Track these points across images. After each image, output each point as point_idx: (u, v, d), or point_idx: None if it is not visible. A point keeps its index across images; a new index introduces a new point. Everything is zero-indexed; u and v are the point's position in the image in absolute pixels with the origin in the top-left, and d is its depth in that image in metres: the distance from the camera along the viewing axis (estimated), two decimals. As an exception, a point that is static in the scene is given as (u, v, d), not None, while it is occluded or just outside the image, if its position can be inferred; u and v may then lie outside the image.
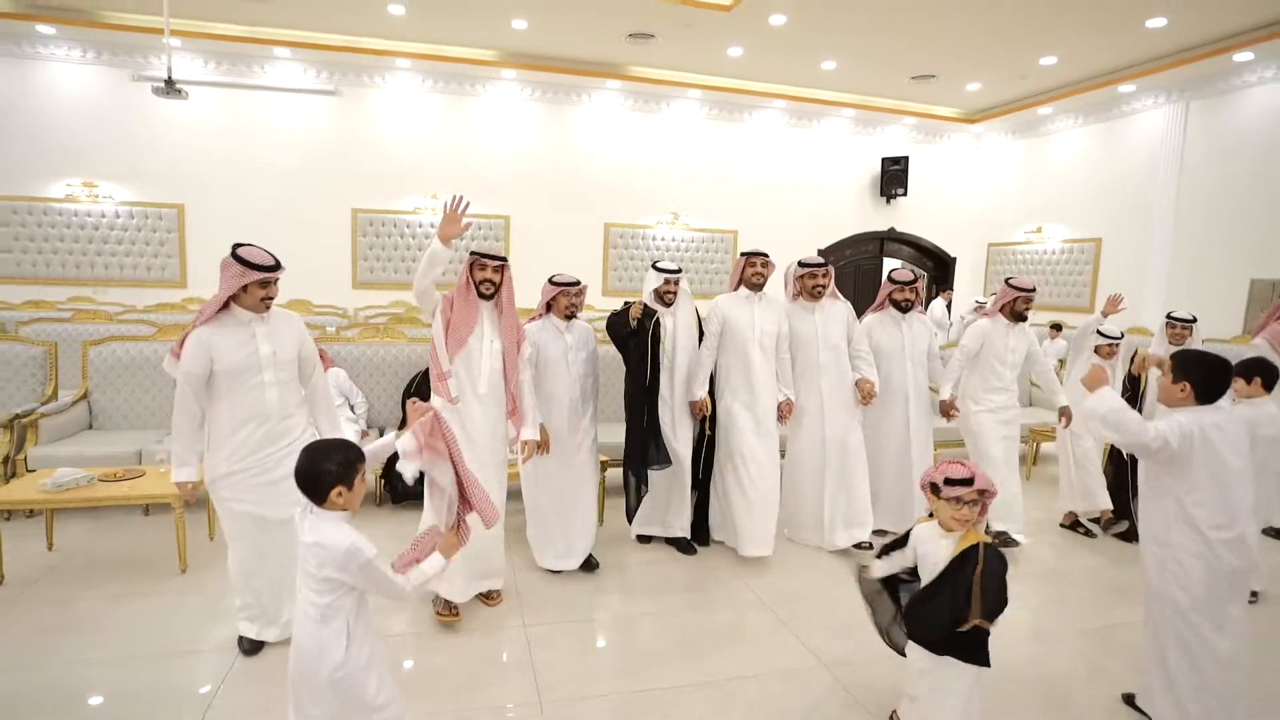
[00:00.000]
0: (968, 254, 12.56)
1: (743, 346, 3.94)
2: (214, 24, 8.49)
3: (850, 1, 7.42)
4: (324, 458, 1.83)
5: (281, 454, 2.75)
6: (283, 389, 2.76)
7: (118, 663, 2.77)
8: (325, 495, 1.81)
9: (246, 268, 2.62)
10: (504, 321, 3.23)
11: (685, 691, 2.71)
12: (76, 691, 2.57)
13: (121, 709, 2.49)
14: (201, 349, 2.61)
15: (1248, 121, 8.70)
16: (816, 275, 4.10)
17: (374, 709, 1.84)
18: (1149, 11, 7.42)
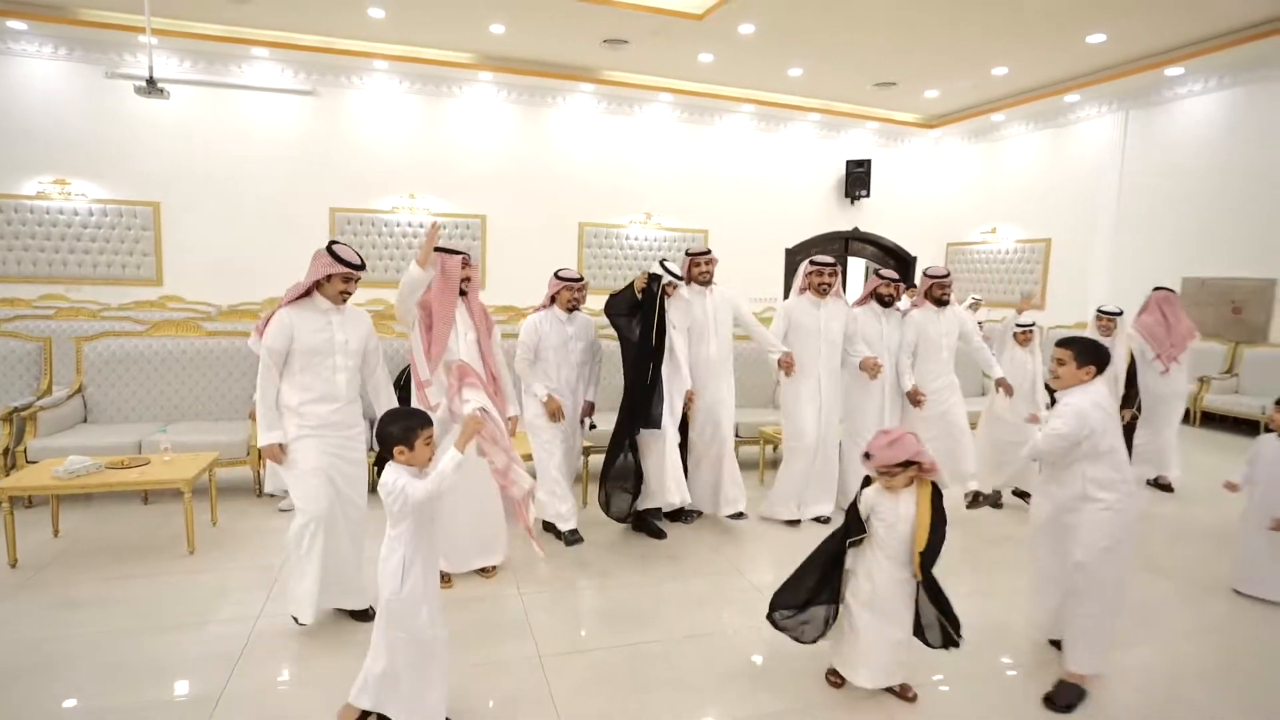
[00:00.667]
0: (927, 253, 13.07)
1: (702, 339, 4.26)
2: (192, 23, 8.56)
3: (815, 13, 7.80)
4: (390, 421, 2.24)
5: (339, 441, 3.02)
6: (350, 375, 3.05)
7: (140, 633, 2.98)
8: (390, 451, 2.22)
9: (336, 261, 2.93)
10: (474, 312, 3.49)
11: (669, 644, 3.02)
12: (104, 659, 2.78)
13: (149, 673, 2.70)
14: (284, 327, 2.91)
15: (1180, 131, 9.32)
16: (824, 273, 4.41)
17: (422, 634, 2.21)
18: (1090, 28, 7.94)
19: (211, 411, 5.09)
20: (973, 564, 4.05)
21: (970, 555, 4.17)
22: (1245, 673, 2.98)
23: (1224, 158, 8.80)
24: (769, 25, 8.20)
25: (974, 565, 4.03)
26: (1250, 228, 8.52)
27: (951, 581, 2.60)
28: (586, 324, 4.11)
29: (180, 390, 5.05)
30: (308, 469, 2.96)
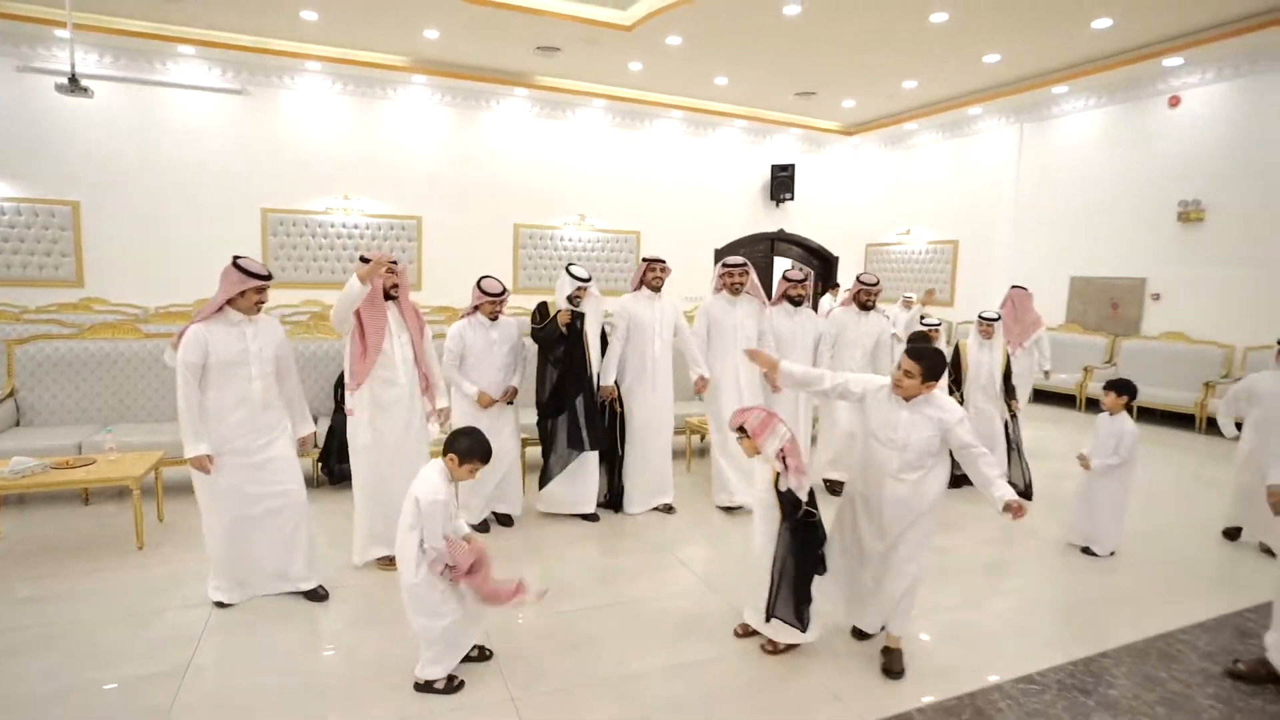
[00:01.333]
0: (849, 253, 13.81)
1: (647, 340, 4.63)
2: (113, 18, 8.39)
3: (737, 28, 8.27)
4: (465, 436, 2.64)
5: (262, 441, 3.25)
6: (265, 382, 3.24)
7: (101, 621, 3.15)
8: (446, 452, 2.62)
9: (247, 275, 3.09)
10: (405, 314, 3.72)
11: (599, 610, 3.38)
12: (69, 645, 2.95)
13: (115, 655, 2.89)
14: (198, 342, 3.06)
15: (1066, 143, 10.24)
16: (734, 274, 4.81)
17: (436, 614, 2.60)
18: (986, 49, 8.68)
19: (151, 413, 5.17)
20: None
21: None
22: (1072, 609, 3.56)
23: (1103, 168, 9.73)
24: (695, 37, 8.63)
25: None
26: (1125, 232, 9.45)
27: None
28: (509, 328, 4.35)
29: (118, 392, 5.11)
30: (223, 487, 3.19)
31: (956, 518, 4.80)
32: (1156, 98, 9.11)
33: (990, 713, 2.69)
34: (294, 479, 3.36)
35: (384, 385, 3.62)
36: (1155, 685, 2.92)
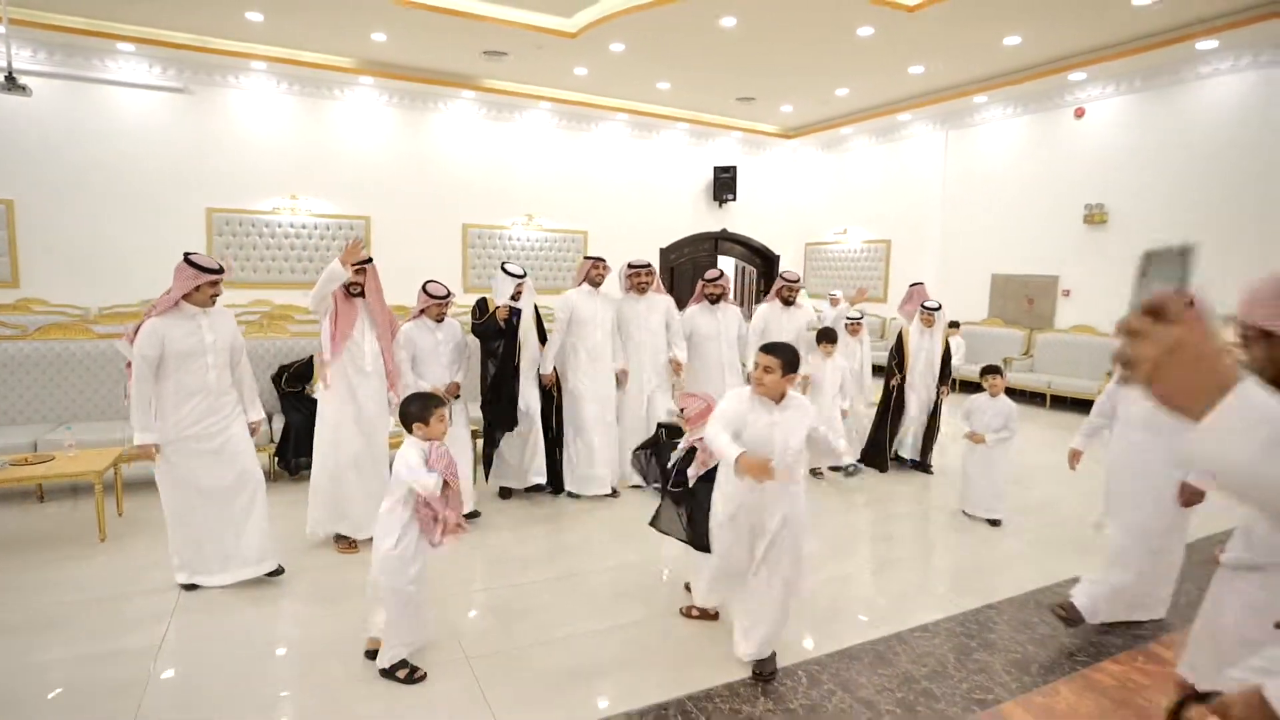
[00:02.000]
0: (789, 251, 14.39)
1: (590, 332, 4.98)
2: (47, 13, 8.27)
3: (677, 37, 8.64)
4: (410, 404, 2.81)
5: (219, 425, 3.45)
6: (220, 371, 3.45)
7: (75, 604, 3.33)
8: (409, 427, 2.78)
9: (199, 271, 3.30)
10: (375, 312, 4.04)
11: (546, 583, 3.70)
12: (47, 626, 3.13)
13: (92, 633, 3.09)
14: (155, 336, 3.26)
15: (987, 149, 10.94)
16: (640, 274, 5.20)
17: (409, 584, 2.76)
18: (911, 60, 9.25)
19: (105, 412, 5.26)
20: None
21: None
22: (967, 569, 4.04)
23: (1019, 173, 10.45)
24: (637, 45, 8.98)
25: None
26: (1039, 232, 10.18)
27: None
28: (454, 328, 4.63)
29: (70, 392, 5.19)
30: (180, 474, 3.41)
31: (880, 495, 5.27)
32: (1064, 109, 9.85)
33: (889, 656, 3.11)
34: (251, 460, 3.60)
35: (355, 373, 3.92)
36: (1028, 629, 3.40)
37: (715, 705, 2.69)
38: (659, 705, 2.66)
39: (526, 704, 2.67)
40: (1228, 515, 3.53)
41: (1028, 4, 7.32)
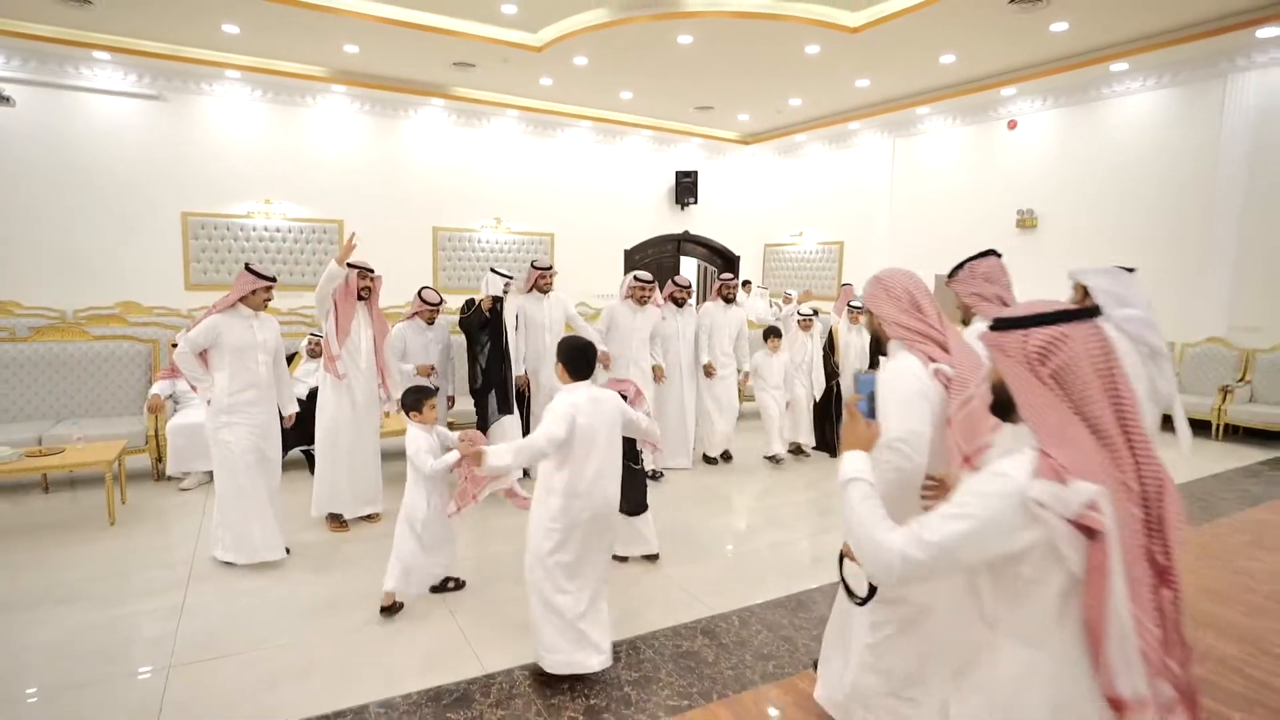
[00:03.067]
0: (749, 252, 15.01)
1: (538, 334, 5.49)
2: (23, 22, 8.48)
3: (637, 51, 9.17)
4: (408, 394, 3.49)
5: (265, 416, 3.99)
6: (267, 366, 3.99)
7: (94, 577, 3.74)
8: (409, 414, 3.44)
9: (257, 278, 3.88)
10: (374, 315, 4.54)
11: (515, 554, 4.20)
12: (72, 597, 3.53)
13: (116, 598, 3.51)
14: (213, 329, 3.81)
15: (929, 157, 11.68)
16: (645, 288, 5.67)
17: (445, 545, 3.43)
18: (857, 75, 9.90)
19: (101, 409, 5.62)
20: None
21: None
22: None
23: (958, 180, 11.20)
24: (599, 58, 9.48)
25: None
26: (976, 235, 10.90)
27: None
28: (443, 329, 5.17)
29: (69, 390, 5.54)
30: (237, 452, 3.87)
31: (826, 474, 5.87)
32: (998, 121, 10.60)
33: (809, 603, 3.67)
34: (278, 451, 4.13)
35: (351, 368, 4.38)
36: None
37: (661, 642, 3.23)
38: (623, 641, 3.18)
39: (501, 643, 3.17)
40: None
41: (957, 27, 7.99)
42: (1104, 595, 1.24)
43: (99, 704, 2.69)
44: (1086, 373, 1.32)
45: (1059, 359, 1.32)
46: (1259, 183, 8.00)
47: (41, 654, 3.03)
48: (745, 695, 2.85)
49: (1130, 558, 1.26)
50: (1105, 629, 1.24)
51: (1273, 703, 2.87)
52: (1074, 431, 1.31)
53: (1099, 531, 1.23)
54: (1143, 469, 1.31)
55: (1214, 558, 4.40)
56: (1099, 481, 1.25)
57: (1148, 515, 1.30)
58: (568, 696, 2.80)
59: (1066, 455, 1.28)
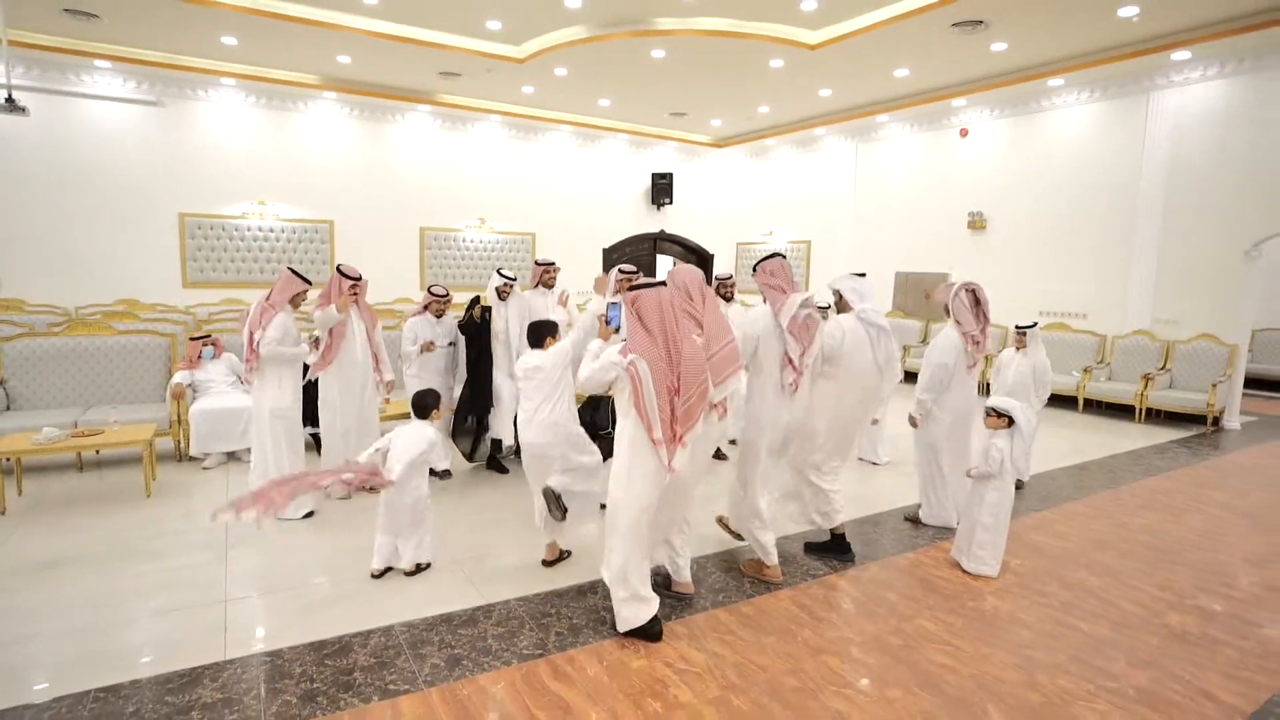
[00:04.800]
0: (722, 250, 15.69)
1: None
2: (29, 33, 8.90)
3: (614, 63, 9.80)
4: (425, 397, 3.99)
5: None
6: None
7: (142, 539, 4.33)
8: (428, 415, 4.01)
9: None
10: (363, 312, 5.14)
11: (506, 518, 4.85)
12: (122, 555, 4.11)
13: (163, 554, 4.10)
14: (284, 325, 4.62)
15: (889, 161, 12.45)
16: (631, 279, 6.19)
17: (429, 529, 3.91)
18: (819, 85, 10.62)
19: (125, 396, 6.16)
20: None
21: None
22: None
23: (915, 183, 11.98)
24: (579, 69, 10.10)
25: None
26: (933, 235, 11.72)
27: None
28: (450, 324, 5.73)
29: (95, 379, 6.08)
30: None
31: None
32: (951, 129, 11.38)
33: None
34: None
35: (348, 361, 4.96)
36: (863, 537, 4.70)
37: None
38: (586, 584, 3.83)
39: (496, 583, 3.82)
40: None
41: (907, 47, 8.72)
42: (641, 396, 3.08)
43: (178, 627, 3.31)
44: (651, 312, 3.13)
45: (640, 305, 3.15)
46: (1176, 189, 8.84)
47: (120, 594, 3.62)
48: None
49: (657, 384, 3.07)
50: (644, 409, 3.09)
51: (1114, 615, 3.61)
52: (639, 336, 3.13)
53: (636, 369, 3.07)
54: (675, 354, 3.12)
55: (1106, 516, 5.16)
56: (643, 356, 3.08)
57: (673, 367, 3.11)
58: (555, 618, 3.45)
59: (634, 346, 3.13)
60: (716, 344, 3.42)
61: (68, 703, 2.71)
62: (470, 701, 2.77)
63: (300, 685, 2.85)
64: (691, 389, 3.15)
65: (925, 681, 2.99)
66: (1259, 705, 2.86)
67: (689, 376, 3.14)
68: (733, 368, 3.41)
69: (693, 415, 3.17)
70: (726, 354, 3.41)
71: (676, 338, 3.13)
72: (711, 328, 3.46)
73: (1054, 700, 2.87)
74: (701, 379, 3.19)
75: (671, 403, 3.09)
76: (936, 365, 4.73)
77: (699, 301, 3.49)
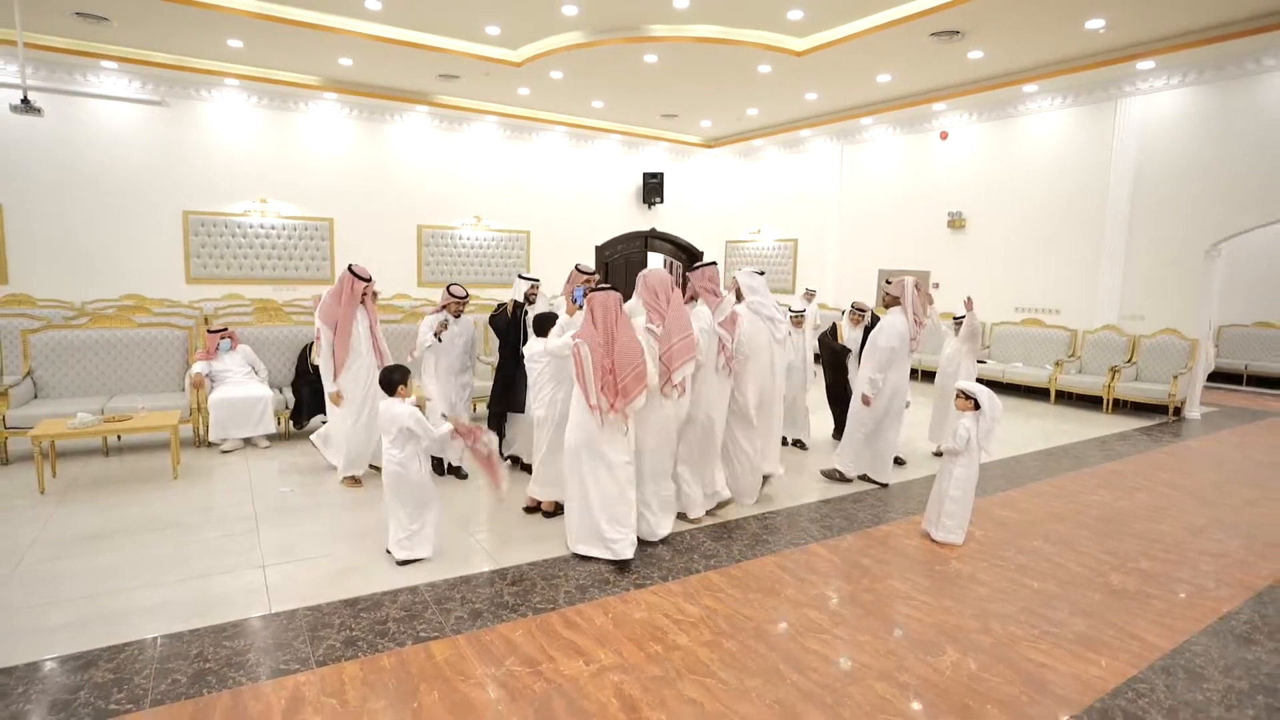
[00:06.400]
0: (711, 248, 16.11)
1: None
2: (46, 36, 9.15)
3: (607, 67, 10.16)
4: (392, 372, 4.08)
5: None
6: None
7: (178, 512, 4.66)
8: (394, 390, 4.03)
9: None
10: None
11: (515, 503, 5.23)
12: (157, 528, 4.45)
13: (198, 526, 4.44)
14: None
15: (873, 162, 12.89)
16: (591, 278, 6.57)
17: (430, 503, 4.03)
18: (805, 90, 11.03)
19: (146, 386, 6.48)
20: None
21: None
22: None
23: (898, 183, 12.43)
24: (574, 73, 10.46)
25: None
26: (914, 234, 12.17)
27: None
28: (467, 323, 5.86)
29: (117, 370, 6.39)
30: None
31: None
32: (932, 132, 11.83)
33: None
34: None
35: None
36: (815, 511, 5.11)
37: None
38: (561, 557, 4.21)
39: (501, 546, 4.20)
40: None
41: (888, 54, 9.14)
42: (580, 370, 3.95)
43: (221, 585, 3.67)
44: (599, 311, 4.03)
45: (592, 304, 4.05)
46: (1142, 191, 9.33)
47: (165, 559, 3.97)
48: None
49: (596, 361, 3.91)
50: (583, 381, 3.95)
51: (1062, 575, 4.04)
52: (587, 327, 4.01)
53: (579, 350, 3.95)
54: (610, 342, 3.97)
55: (1065, 494, 5.60)
56: (587, 341, 3.95)
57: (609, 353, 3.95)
58: (563, 579, 3.84)
59: (582, 334, 4.01)
60: (676, 336, 4.21)
61: (137, 646, 3.06)
62: (494, 646, 3.15)
63: (340, 633, 3.21)
64: (626, 371, 3.95)
65: (892, 628, 3.40)
66: (1177, 645, 3.28)
67: (622, 361, 3.96)
68: (688, 355, 4.22)
69: (629, 392, 3.95)
70: (683, 345, 4.21)
71: (614, 330, 4.00)
72: (672, 323, 4.25)
73: (1003, 642, 3.29)
74: (635, 364, 3.97)
75: (605, 379, 3.93)
76: (884, 349, 5.40)
77: (664, 300, 4.30)
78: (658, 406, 4.28)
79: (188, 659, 2.98)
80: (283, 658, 3.00)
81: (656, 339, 4.26)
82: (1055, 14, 7.68)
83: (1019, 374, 10.04)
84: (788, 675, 2.98)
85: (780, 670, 3.02)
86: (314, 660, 2.99)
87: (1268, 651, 3.26)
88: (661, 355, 4.23)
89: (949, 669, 3.05)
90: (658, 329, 4.26)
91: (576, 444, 4.05)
